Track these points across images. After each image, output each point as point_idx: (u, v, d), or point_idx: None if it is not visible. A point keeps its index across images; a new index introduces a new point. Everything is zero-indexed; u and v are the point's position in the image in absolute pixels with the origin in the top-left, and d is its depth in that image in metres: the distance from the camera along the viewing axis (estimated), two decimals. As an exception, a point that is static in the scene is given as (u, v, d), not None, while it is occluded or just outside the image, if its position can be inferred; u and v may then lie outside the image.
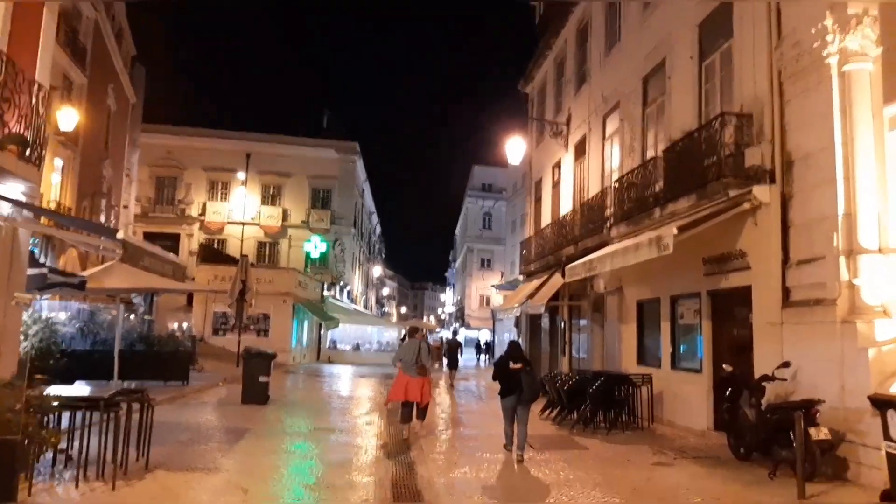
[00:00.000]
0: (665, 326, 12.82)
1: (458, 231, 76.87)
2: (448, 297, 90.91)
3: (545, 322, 22.14)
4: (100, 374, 15.46)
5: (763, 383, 8.85)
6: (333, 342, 38.62)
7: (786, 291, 9.32)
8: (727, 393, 9.12)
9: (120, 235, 6.88)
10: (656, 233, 10.25)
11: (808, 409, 7.72)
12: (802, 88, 9.14)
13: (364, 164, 48.72)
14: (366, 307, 58.12)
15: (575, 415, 12.25)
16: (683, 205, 11.19)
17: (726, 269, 10.69)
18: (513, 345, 9.86)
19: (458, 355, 24.76)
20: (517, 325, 27.21)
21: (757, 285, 9.91)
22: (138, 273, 11.67)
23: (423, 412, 11.08)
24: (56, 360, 14.45)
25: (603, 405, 11.75)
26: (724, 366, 9.50)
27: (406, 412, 10.70)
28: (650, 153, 13.99)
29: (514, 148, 19.46)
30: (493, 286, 45.61)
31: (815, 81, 8.86)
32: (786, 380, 8.80)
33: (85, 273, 14.49)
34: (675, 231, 9.50)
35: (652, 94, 14.37)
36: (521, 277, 28.75)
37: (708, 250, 11.09)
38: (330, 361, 35.92)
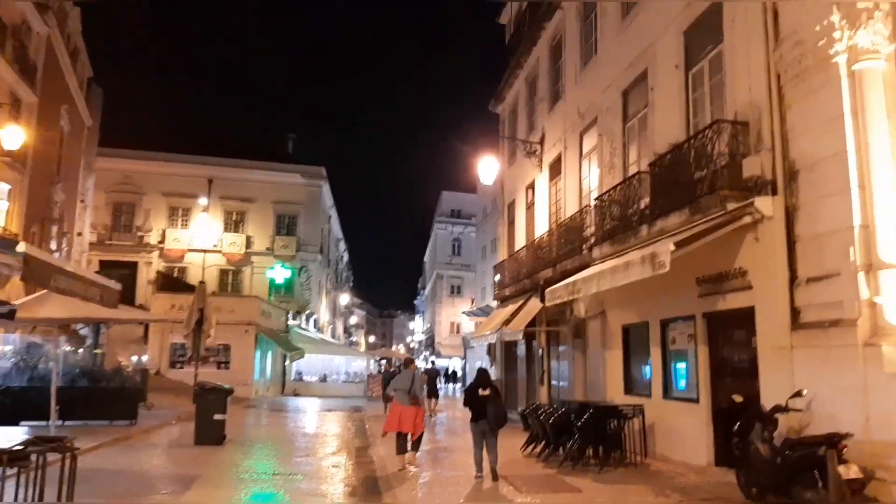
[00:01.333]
0: (655, 352, 11.92)
1: (427, 258, 75.85)
2: (418, 325, 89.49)
3: (521, 349, 21.16)
4: (38, 414, 14.09)
5: (776, 415, 7.96)
6: (299, 374, 37.02)
7: (794, 312, 8.49)
8: (736, 426, 8.18)
9: (21, 248, 5.69)
10: (650, 250, 9.38)
11: (835, 444, 6.84)
12: (806, 91, 8.42)
13: (331, 191, 47.63)
14: (333, 336, 56.48)
15: (561, 451, 11.23)
16: (675, 221, 10.37)
17: (724, 290, 9.85)
18: (481, 372, 10.28)
19: (437, 384, 24.10)
20: (490, 352, 26.13)
21: (761, 306, 9.08)
22: (78, 302, 10.42)
23: (416, 443, 11.11)
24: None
25: (593, 440, 10.74)
26: (733, 396, 8.57)
27: (401, 444, 10.81)
28: (633, 169, 13.24)
29: (487, 167, 18.62)
30: (463, 313, 44.54)
31: (822, 83, 8.15)
32: (801, 410, 7.92)
33: (17, 301, 13.08)
34: (671, 247, 8.64)
35: (633, 107, 13.67)
36: (493, 303, 27.79)
37: (702, 269, 10.27)
38: (295, 394, 34.30)
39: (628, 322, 13.10)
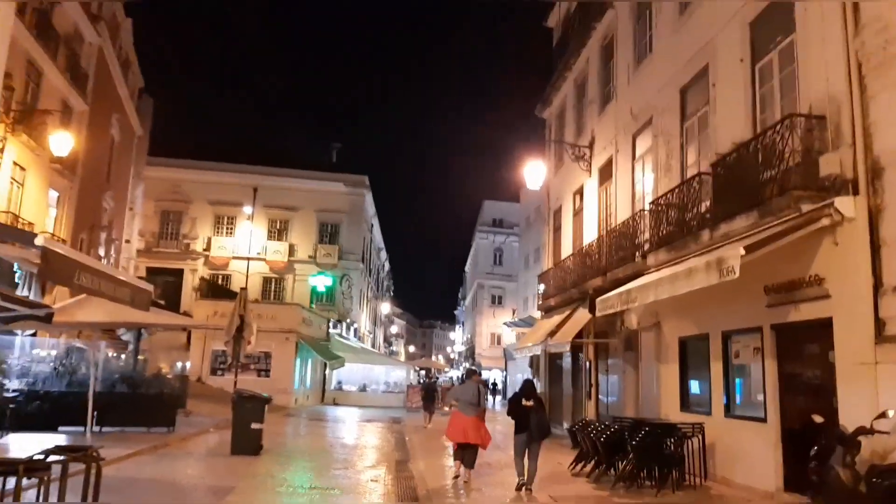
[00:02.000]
0: (716, 367, 11.10)
1: (467, 267, 75.32)
2: (458, 336, 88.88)
3: (566, 362, 20.39)
4: (76, 420, 13.95)
5: (859, 437, 7.13)
6: (339, 383, 36.75)
7: (879, 324, 7.67)
8: (815, 449, 7.37)
9: (39, 241, 5.30)
10: (715, 255, 8.65)
11: (934, 473, 6.02)
12: (892, 81, 7.64)
13: (373, 199, 47.53)
14: (373, 346, 56.30)
15: (613, 471, 10.50)
16: (741, 224, 9.61)
17: (797, 299, 9.03)
18: (527, 383, 10.48)
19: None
20: (532, 364, 25.38)
21: (840, 317, 8.25)
22: (118, 306, 10.15)
23: (471, 459, 10.70)
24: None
25: (649, 460, 9.99)
26: (813, 416, 7.74)
27: (461, 452, 10.75)
28: (691, 171, 12.48)
29: (534, 172, 17.97)
30: (504, 324, 43.74)
31: (911, 70, 7.37)
32: (888, 433, 7.08)
33: (57, 305, 12.96)
34: (742, 251, 7.91)
35: (692, 105, 12.93)
36: (536, 314, 27.04)
37: (771, 277, 9.46)
38: (335, 403, 34.04)
39: (686, 334, 12.31)
